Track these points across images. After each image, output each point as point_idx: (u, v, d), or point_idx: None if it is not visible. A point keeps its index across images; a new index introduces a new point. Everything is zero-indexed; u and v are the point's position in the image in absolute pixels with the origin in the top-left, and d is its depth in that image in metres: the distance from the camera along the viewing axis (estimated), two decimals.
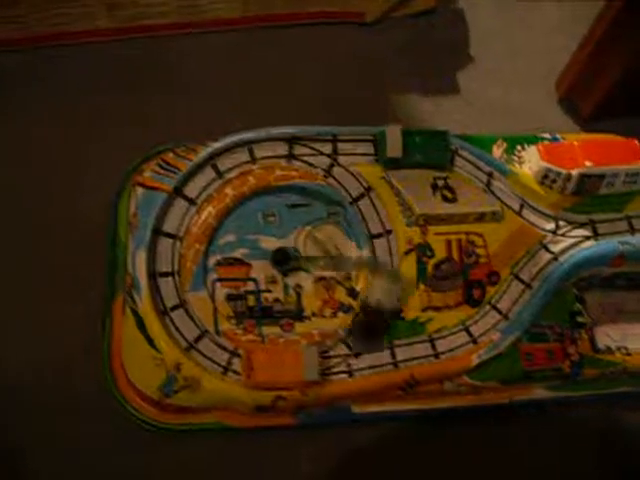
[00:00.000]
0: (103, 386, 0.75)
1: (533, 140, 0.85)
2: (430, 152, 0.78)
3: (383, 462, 0.79)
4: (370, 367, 0.75)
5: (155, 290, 0.74)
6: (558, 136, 0.87)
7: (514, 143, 0.85)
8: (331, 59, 1.01)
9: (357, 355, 0.75)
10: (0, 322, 0.81)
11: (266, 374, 0.71)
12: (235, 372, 0.73)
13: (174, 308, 0.74)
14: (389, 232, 0.78)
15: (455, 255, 0.78)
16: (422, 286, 0.77)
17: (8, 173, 0.88)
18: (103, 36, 0.97)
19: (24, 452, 0.76)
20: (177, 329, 0.73)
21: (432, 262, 0.78)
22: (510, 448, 0.82)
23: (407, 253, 0.77)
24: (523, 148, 0.85)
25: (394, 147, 0.77)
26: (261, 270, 0.77)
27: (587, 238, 0.82)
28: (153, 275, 0.74)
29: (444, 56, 1.03)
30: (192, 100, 0.95)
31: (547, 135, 0.87)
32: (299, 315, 0.76)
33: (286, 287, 0.77)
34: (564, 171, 0.79)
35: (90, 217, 0.83)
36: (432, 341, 0.76)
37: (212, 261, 0.76)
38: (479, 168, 0.81)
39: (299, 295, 0.77)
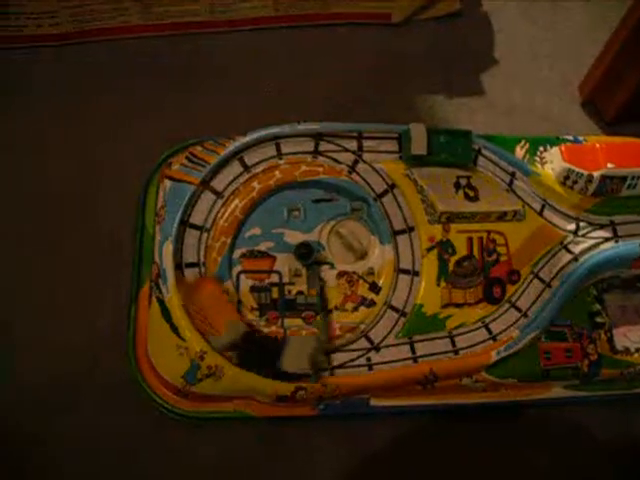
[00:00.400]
0: (128, 374, 0.76)
1: (555, 142, 0.86)
2: (454, 151, 0.79)
3: (399, 455, 0.80)
4: (390, 361, 0.76)
5: (181, 280, 0.74)
6: (580, 138, 0.87)
7: (536, 144, 0.86)
8: (357, 59, 1.02)
9: (378, 349, 0.75)
10: (26, 310, 0.83)
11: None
12: None
13: None
14: (412, 229, 0.79)
15: (476, 253, 0.79)
16: (443, 283, 0.78)
17: (35, 166, 0.90)
18: (132, 32, 0.99)
19: (45, 443, 0.78)
20: None
21: (453, 259, 0.79)
22: (525, 447, 0.82)
23: (429, 250, 0.78)
24: (545, 149, 0.85)
25: (419, 145, 0.78)
26: (285, 263, 0.78)
27: (607, 239, 0.82)
28: (179, 265, 0.75)
29: (468, 58, 1.03)
30: (220, 96, 0.96)
31: (570, 137, 0.87)
32: (321, 308, 0.77)
33: (309, 280, 0.78)
34: (586, 172, 0.79)
35: (118, 209, 0.85)
36: (452, 337, 0.77)
37: (237, 253, 0.78)
38: (502, 168, 0.82)
39: (322, 288, 0.77)
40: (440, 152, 0.78)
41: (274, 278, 0.78)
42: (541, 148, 0.86)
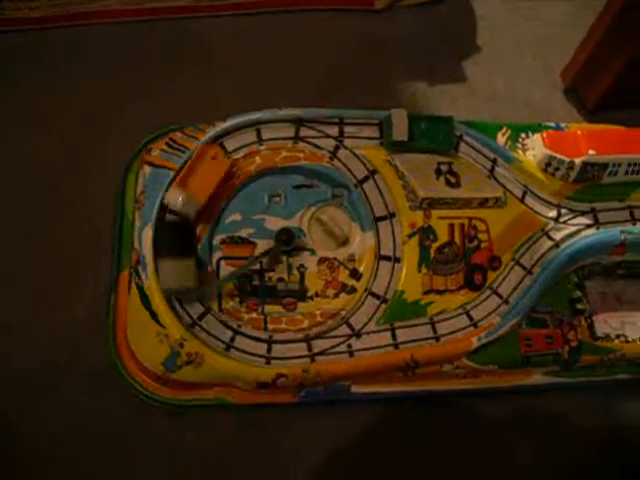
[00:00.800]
0: (108, 361, 0.75)
1: (537, 128, 0.86)
2: (435, 137, 0.79)
3: (380, 442, 0.80)
4: (371, 348, 0.76)
5: None
6: (562, 125, 0.87)
7: (518, 131, 0.86)
8: (340, 45, 1.01)
9: (359, 336, 0.75)
10: (5, 297, 0.82)
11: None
12: (238, 349, 0.74)
13: None
14: (393, 215, 0.79)
15: (457, 239, 0.79)
16: (424, 269, 0.78)
17: (18, 151, 0.90)
18: (112, 17, 0.99)
19: (26, 428, 0.78)
20: (181, 306, 0.74)
21: (435, 246, 0.79)
22: (506, 433, 0.83)
23: (410, 236, 0.78)
24: (527, 136, 0.85)
25: (400, 130, 0.77)
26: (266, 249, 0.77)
27: (589, 226, 0.83)
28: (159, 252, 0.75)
29: (451, 45, 1.03)
30: (203, 82, 0.96)
31: (551, 124, 0.87)
32: (302, 295, 0.77)
33: (290, 267, 0.77)
34: (567, 159, 0.80)
35: (99, 195, 0.84)
36: (433, 324, 0.77)
37: (218, 239, 0.77)
38: (483, 154, 0.82)
39: (302, 275, 0.77)
40: (421, 138, 0.78)
41: (254, 265, 0.77)
42: (523, 135, 0.86)
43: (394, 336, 0.76)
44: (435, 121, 0.79)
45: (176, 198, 0.73)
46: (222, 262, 0.77)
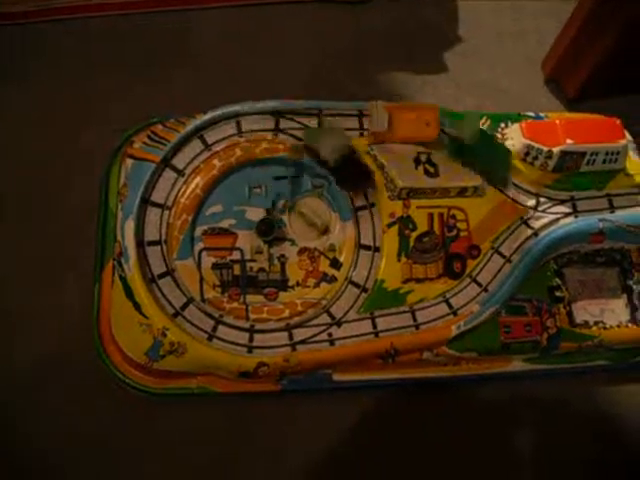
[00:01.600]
0: (92, 351, 0.76)
1: (517, 118, 0.87)
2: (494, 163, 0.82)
3: (361, 428, 0.81)
4: (351, 336, 0.76)
5: (143, 258, 0.75)
6: (541, 114, 0.88)
7: (498, 120, 0.87)
8: (322, 36, 1.02)
9: (340, 325, 0.76)
10: None
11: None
12: (220, 339, 0.75)
13: (161, 276, 0.76)
14: (372, 205, 0.79)
15: (437, 228, 0.80)
16: (404, 258, 0.78)
17: (4, 145, 0.90)
18: (95, 11, 0.99)
19: (14, 419, 0.79)
20: (164, 296, 0.75)
21: (414, 235, 0.79)
22: (488, 418, 0.84)
23: (389, 226, 0.79)
24: (507, 125, 0.86)
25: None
26: (247, 240, 0.79)
27: (567, 215, 0.83)
28: (141, 243, 0.76)
29: (432, 36, 1.04)
30: (187, 75, 0.98)
31: (531, 113, 0.88)
32: (283, 284, 0.78)
33: (271, 257, 0.78)
34: (545, 148, 0.80)
35: (83, 189, 0.85)
36: (413, 312, 0.78)
37: (199, 231, 0.78)
38: None
39: (283, 265, 0.78)
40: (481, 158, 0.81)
41: (236, 255, 0.78)
42: (502, 124, 0.86)
43: (374, 324, 0.77)
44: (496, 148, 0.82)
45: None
46: (203, 253, 0.77)
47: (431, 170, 0.80)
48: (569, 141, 0.80)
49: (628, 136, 0.87)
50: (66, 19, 0.99)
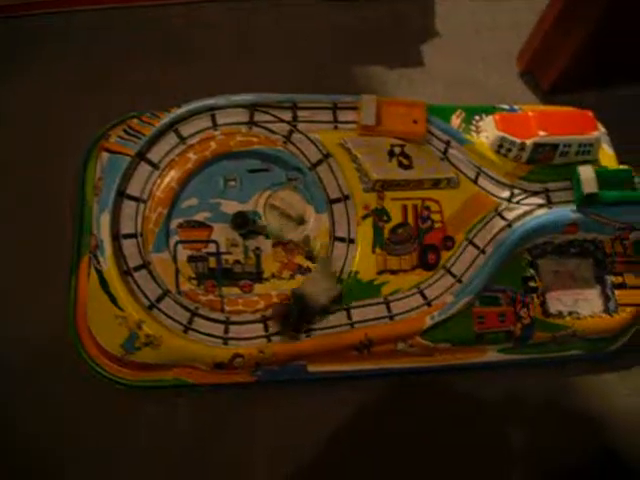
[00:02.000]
0: (68, 342, 0.77)
1: (491, 110, 0.87)
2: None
3: (336, 419, 0.82)
4: (326, 327, 0.77)
5: (119, 251, 0.76)
6: (516, 107, 0.88)
7: (472, 113, 0.87)
8: (301, 32, 1.02)
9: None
10: None
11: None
12: (196, 331, 0.75)
13: (137, 268, 0.77)
14: (347, 197, 0.80)
15: (411, 220, 0.81)
16: (378, 250, 0.79)
17: None
18: (91, 4, 1.00)
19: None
20: (140, 288, 0.76)
21: (388, 226, 0.80)
22: (461, 411, 0.84)
23: (364, 218, 0.80)
24: (481, 118, 0.87)
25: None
26: (222, 233, 0.79)
27: (541, 206, 0.84)
28: (117, 236, 0.77)
29: (409, 30, 1.04)
30: (172, 68, 0.98)
31: (505, 106, 0.89)
32: (258, 277, 0.78)
33: (246, 249, 0.78)
34: (518, 140, 0.81)
35: (60, 182, 0.85)
36: (387, 303, 0.79)
37: (174, 224, 0.79)
38: (436, 137, 0.83)
39: (258, 257, 0.79)
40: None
41: (211, 248, 0.78)
42: (477, 117, 0.87)
43: (349, 316, 0.78)
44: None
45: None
46: (179, 246, 0.77)
47: (405, 162, 0.80)
48: (542, 133, 0.80)
49: (601, 128, 0.87)
50: (49, 13, 0.98)
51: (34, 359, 0.80)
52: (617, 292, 0.84)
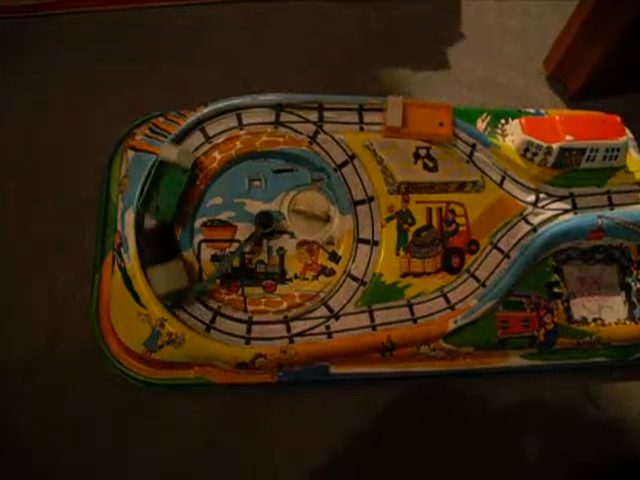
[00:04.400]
0: (92, 341, 0.77)
1: (517, 114, 0.87)
2: None
3: (358, 422, 0.81)
4: (349, 329, 0.77)
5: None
6: (542, 111, 0.88)
7: (498, 117, 0.87)
8: (324, 32, 1.02)
9: (337, 317, 0.76)
10: None
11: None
12: (218, 330, 0.75)
13: None
14: (371, 199, 0.80)
15: (435, 223, 0.80)
16: (402, 252, 0.79)
17: (6, 138, 0.91)
18: (100, 5, 1.00)
19: (13, 410, 0.79)
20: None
21: (412, 229, 0.80)
22: (481, 416, 0.84)
23: (388, 220, 0.79)
24: (507, 122, 0.86)
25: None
26: (246, 232, 0.79)
27: (566, 211, 0.83)
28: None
29: (435, 33, 1.04)
30: (189, 69, 0.98)
31: (531, 110, 0.88)
32: (281, 277, 0.78)
33: (270, 250, 0.78)
34: (545, 144, 0.81)
35: (86, 179, 0.86)
36: (410, 306, 0.78)
37: (199, 222, 0.78)
38: (462, 139, 0.83)
39: (282, 258, 0.78)
40: None
41: (234, 247, 0.78)
42: (502, 121, 0.87)
43: (372, 318, 0.77)
44: None
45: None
46: (203, 245, 0.77)
47: (430, 165, 0.80)
48: (568, 137, 0.80)
49: (629, 133, 0.87)
50: (67, 13, 0.99)
51: (56, 357, 0.80)
52: None
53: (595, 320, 0.83)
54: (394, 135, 0.80)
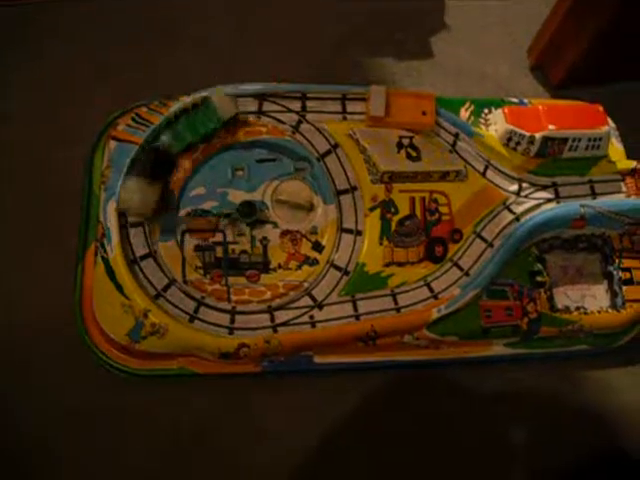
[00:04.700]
0: (74, 331, 0.77)
1: (500, 104, 0.87)
2: None
3: (341, 411, 0.81)
4: (332, 319, 0.77)
5: (125, 239, 0.76)
6: (525, 101, 0.88)
7: (481, 106, 0.87)
8: (307, 21, 1.02)
9: (321, 307, 0.76)
10: None
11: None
12: (201, 320, 0.75)
13: (144, 257, 0.76)
14: (355, 188, 0.80)
15: (418, 212, 0.81)
16: (385, 242, 0.79)
17: None
18: None
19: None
20: (146, 277, 0.75)
21: (396, 219, 0.80)
22: (464, 405, 0.84)
23: (372, 209, 0.79)
24: (490, 111, 0.86)
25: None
26: (229, 222, 0.78)
27: (549, 200, 0.84)
28: (124, 225, 0.76)
29: (419, 21, 1.04)
30: (174, 58, 0.98)
31: (514, 99, 0.88)
32: (265, 267, 0.78)
33: (253, 239, 0.78)
34: (528, 134, 0.81)
35: (68, 169, 0.85)
36: (394, 295, 0.79)
37: (182, 212, 0.78)
38: (445, 129, 0.83)
39: (265, 247, 0.78)
40: None
41: (218, 237, 0.78)
42: (486, 110, 0.87)
43: (355, 307, 0.77)
44: None
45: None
46: (186, 235, 0.77)
47: (413, 154, 0.80)
48: (551, 127, 0.80)
49: (611, 123, 0.87)
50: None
51: (39, 347, 0.80)
52: (624, 288, 0.84)
53: (578, 308, 0.83)
54: (377, 125, 0.80)
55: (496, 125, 0.84)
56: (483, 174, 0.83)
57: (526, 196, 0.83)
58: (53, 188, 0.86)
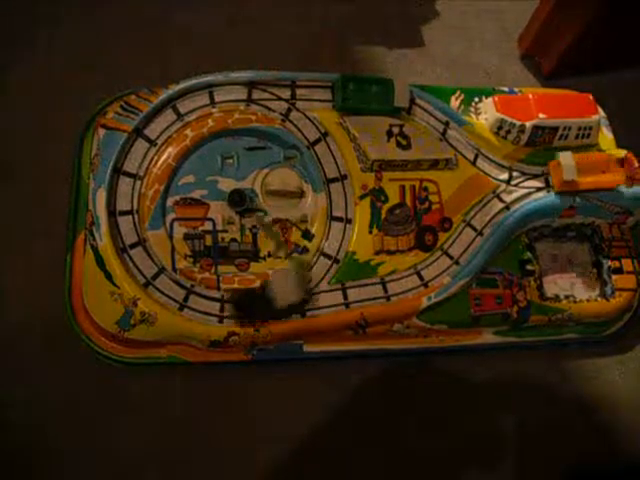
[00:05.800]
0: (64, 320, 0.76)
1: (491, 92, 0.87)
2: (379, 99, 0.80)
3: (331, 399, 0.82)
4: (322, 307, 0.77)
5: (115, 228, 0.75)
6: (515, 89, 0.88)
7: (472, 95, 0.87)
8: (304, 12, 1.02)
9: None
10: None
11: None
12: (191, 308, 0.75)
13: (133, 246, 0.76)
14: (344, 177, 0.80)
15: (409, 201, 0.80)
16: (375, 230, 0.79)
17: None
18: None
19: None
20: (135, 266, 0.75)
21: (386, 207, 0.80)
22: (455, 391, 0.85)
23: (362, 198, 0.79)
24: (480, 100, 0.86)
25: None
26: (219, 211, 0.78)
27: (539, 189, 0.84)
28: (113, 213, 0.76)
29: (409, 11, 1.03)
30: (161, 46, 0.97)
31: (504, 88, 0.88)
32: (255, 255, 0.78)
33: (243, 228, 0.78)
34: (518, 122, 0.81)
35: (57, 158, 0.84)
36: (384, 284, 0.78)
37: (171, 201, 0.78)
38: (435, 117, 0.83)
39: (255, 236, 0.78)
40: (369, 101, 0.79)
41: (207, 226, 0.78)
42: (476, 99, 0.87)
43: (345, 296, 0.77)
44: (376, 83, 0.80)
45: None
46: (175, 223, 0.77)
47: (403, 142, 0.80)
48: (541, 115, 0.80)
49: (601, 112, 0.87)
50: None
51: (28, 335, 0.80)
52: (614, 277, 0.84)
53: (567, 297, 0.84)
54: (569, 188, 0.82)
55: (486, 114, 0.84)
56: (473, 163, 0.83)
57: (516, 185, 0.83)
58: (42, 176, 0.85)
